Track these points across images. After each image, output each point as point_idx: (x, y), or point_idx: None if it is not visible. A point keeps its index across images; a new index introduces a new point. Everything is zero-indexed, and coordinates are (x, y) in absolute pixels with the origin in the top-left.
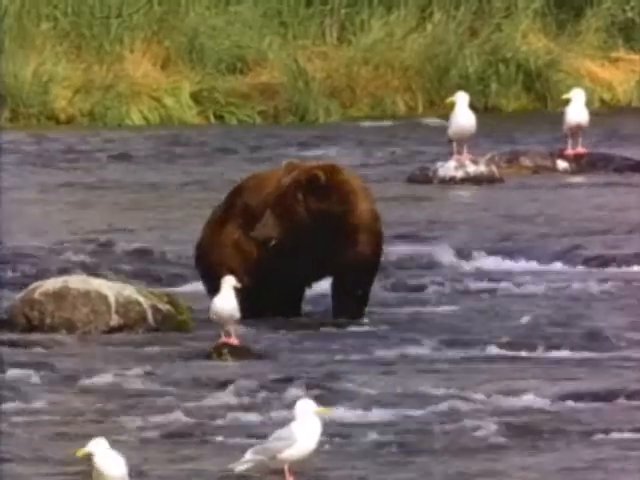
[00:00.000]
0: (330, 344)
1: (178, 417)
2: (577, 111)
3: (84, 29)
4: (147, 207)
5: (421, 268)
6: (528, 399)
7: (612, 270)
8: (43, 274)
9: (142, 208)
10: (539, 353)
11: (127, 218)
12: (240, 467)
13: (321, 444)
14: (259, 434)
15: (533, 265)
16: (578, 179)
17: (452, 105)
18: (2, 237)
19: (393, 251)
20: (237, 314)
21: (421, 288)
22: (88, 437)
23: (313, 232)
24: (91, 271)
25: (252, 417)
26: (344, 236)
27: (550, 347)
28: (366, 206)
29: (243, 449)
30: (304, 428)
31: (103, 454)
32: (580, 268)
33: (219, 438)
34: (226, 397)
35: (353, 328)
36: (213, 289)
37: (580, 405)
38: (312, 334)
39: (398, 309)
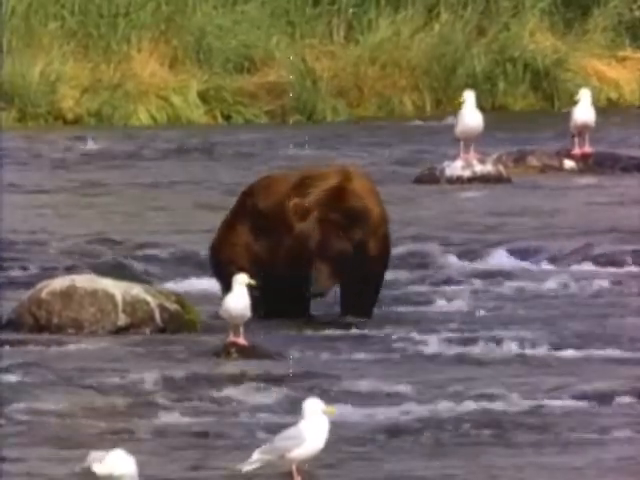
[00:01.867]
0: (336, 344)
1: (186, 416)
2: (584, 111)
3: (91, 28)
4: (154, 206)
5: (427, 267)
6: (532, 397)
7: (620, 269)
8: (50, 273)
9: (149, 207)
10: (544, 352)
11: (135, 218)
12: (248, 467)
13: (329, 443)
14: (267, 434)
15: (541, 264)
16: (585, 178)
17: (461, 105)
18: (9, 236)
19: (400, 251)
20: (248, 313)
21: (427, 288)
22: (94, 437)
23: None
24: (98, 270)
25: (260, 416)
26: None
27: (556, 346)
28: (376, 211)
29: (251, 448)
30: (312, 427)
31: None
32: (588, 267)
33: (227, 437)
34: (234, 396)
35: (359, 327)
36: (225, 288)
37: (585, 404)
38: (319, 334)
39: (404, 308)
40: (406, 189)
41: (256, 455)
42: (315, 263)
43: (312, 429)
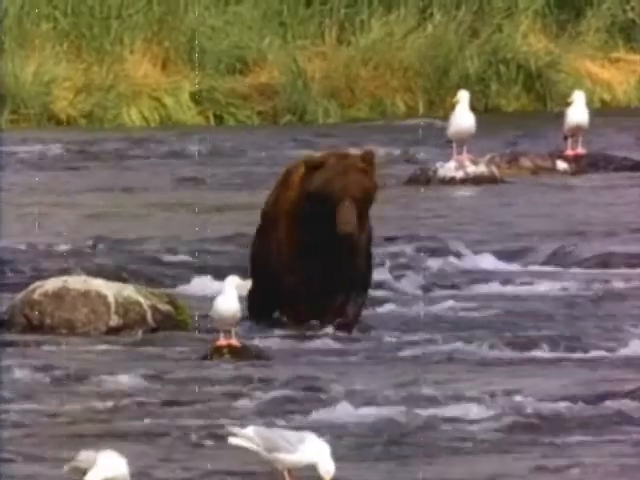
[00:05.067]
0: (328, 345)
1: (178, 417)
2: (577, 112)
3: (84, 29)
4: (147, 208)
5: (419, 268)
6: (527, 399)
7: (612, 271)
8: (43, 275)
9: (142, 209)
10: (538, 353)
11: (127, 219)
12: (237, 441)
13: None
14: None
15: (533, 266)
16: (578, 180)
17: (455, 105)
18: (2, 238)
19: (391, 251)
20: (239, 314)
21: (419, 288)
22: (86, 437)
23: None
24: (91, 272)
25: (251, 418)
26: None
27: (550, 347)
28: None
29: (242, 450)
30: (311, 448)
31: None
32: (580, 269)
33: (218, 438)
34: (225, 397)
35: (350, 328)
36: None
37: (580, 405)
38: (312, 335)
39: (396, 309)
40: (398, 190)
41: (250, 431)
42: (340, 204)
43: (309, 449)
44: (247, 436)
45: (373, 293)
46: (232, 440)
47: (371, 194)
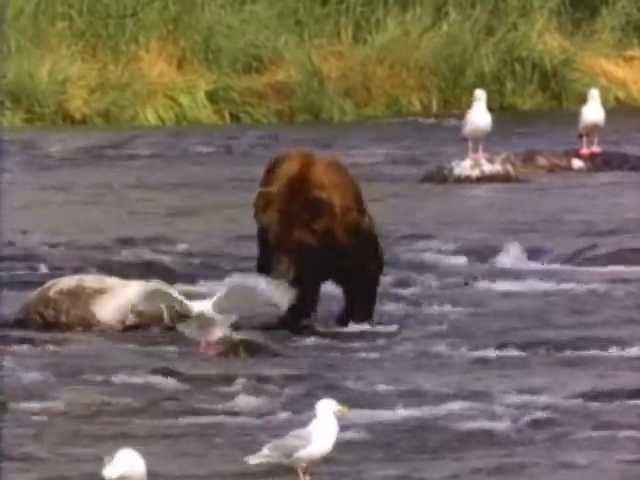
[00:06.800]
0: (341, 343)
1: (194, 415)
2: (593, 111)
3: (100, 28)
4: (161, 207)
5: (432, 267)
6: (534, 398)
7: (628, 269)
8: (58, 273)
9: (156, 208)
10: (547, 351)
11: (141, 217)
12: (255, 460)
13: (337, 445)
14: (274, 433)
15: (548, 264)
16: (593, 178)
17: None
18: (17, 236)
19: (407, 249)
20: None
21: (431, 287)
22: (103, 436)
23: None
24: (106, 270)
25: (267, 415)
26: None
27: (559, 346)
28: (338, 202)
29: (258, 446)
30: (321, 430)
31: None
32: (595, 267)
33: (234, 436)
34: (241, 395)
35: (363, 327)
36: None
37: (586, 404)
38: (326, 332)
39: (410, 308)
40: (414, 188)
41: (265, 450)
42: (275, 253)
43: (321, 432)
44: (264, 455)
45: (391, 292)
46: (253, 461)
47: (311, 245)
